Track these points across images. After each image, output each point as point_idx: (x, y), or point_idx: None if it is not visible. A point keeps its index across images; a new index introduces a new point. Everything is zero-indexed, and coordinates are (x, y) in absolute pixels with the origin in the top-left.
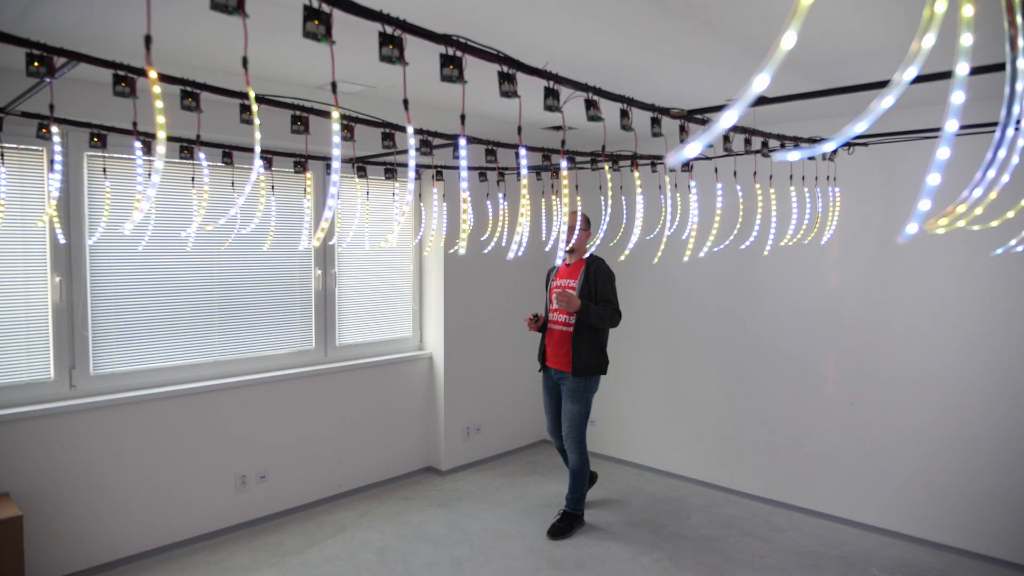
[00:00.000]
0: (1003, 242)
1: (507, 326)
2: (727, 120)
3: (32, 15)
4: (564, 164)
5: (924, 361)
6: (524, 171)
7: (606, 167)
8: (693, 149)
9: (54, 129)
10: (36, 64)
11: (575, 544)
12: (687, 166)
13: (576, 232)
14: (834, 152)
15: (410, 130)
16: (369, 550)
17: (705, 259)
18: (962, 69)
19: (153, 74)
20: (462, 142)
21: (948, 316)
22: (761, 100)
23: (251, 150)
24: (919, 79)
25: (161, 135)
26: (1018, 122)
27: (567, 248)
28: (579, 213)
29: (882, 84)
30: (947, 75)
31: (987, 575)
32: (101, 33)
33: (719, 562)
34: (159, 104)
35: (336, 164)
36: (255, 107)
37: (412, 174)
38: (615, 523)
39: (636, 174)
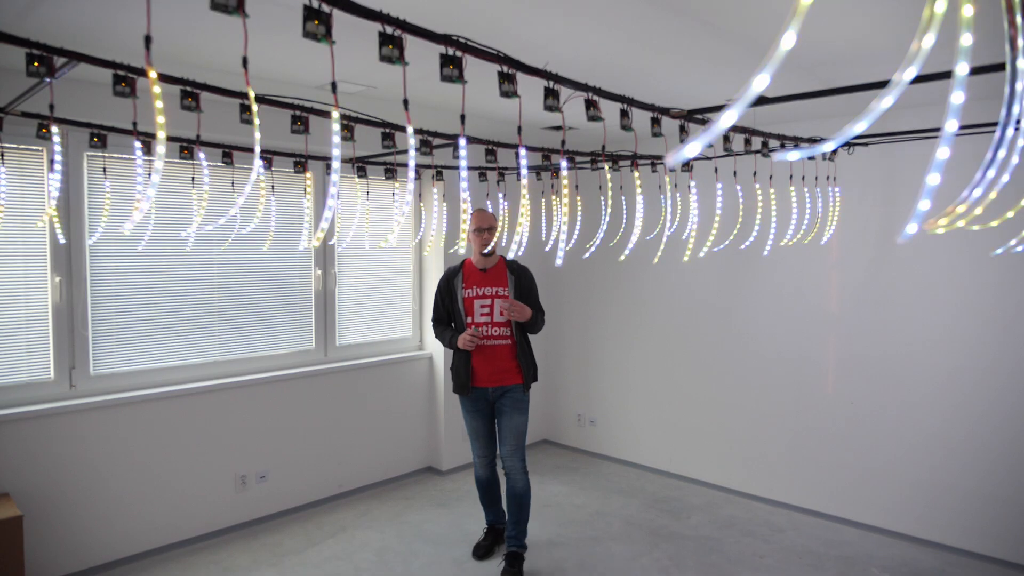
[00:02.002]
0: (1003, 242)
1: None
2: (727, 120)
3: (32, 15)
4: (564, 164)
5: (924, 361)
6: (524, 171)
7: (606, 167)
8: (693, 149)
9: (54, 129)
10: (36, 64)
11: (575, 544)
12: (687, 166)
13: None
14: (834, 152)
15: (410, 130)
16: (369, 550)
17: (705, 259)
18: (962, 69)
19: (153, 74)
20: (462, 142)
21: (948, 316)
22: (761, 100)
23: (251, 150)
24: (919, 79)
25: (161, 135)
26: (1018, 122)
27: (486, 253)
28: (487, 210)
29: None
30: (947, 75)
31: (987, 575)
32: (101, 33)
33: (719, 562)
34: (159, 104)
35: (336, 164)
36: (255, 107)
37: (412, 174)
38: (615, 523)
39: (636, 174)
